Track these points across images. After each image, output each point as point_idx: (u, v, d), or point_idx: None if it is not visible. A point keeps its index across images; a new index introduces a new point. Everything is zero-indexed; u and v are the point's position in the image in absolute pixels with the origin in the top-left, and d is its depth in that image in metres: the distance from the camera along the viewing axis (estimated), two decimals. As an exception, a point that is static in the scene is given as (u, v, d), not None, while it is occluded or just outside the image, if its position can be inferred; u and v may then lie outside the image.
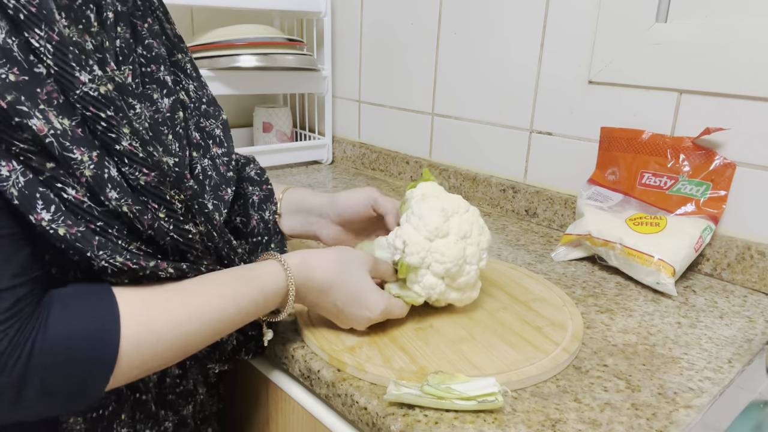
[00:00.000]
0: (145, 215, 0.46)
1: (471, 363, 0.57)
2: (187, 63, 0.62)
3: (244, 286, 0.53)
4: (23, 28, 0.39)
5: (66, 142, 0.41)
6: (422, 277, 0.62)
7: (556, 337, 0.62)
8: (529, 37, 1.00)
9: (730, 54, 0.77)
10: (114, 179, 0.44)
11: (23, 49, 0.39)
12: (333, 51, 1.39)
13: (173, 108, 0.57)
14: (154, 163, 0.46)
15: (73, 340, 0.41)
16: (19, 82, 0.39)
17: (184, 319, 0.47)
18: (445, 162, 1.21)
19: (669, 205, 0.84)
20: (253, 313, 0.54)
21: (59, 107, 0.41)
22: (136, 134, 0.45)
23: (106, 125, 0.43)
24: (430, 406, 0.51)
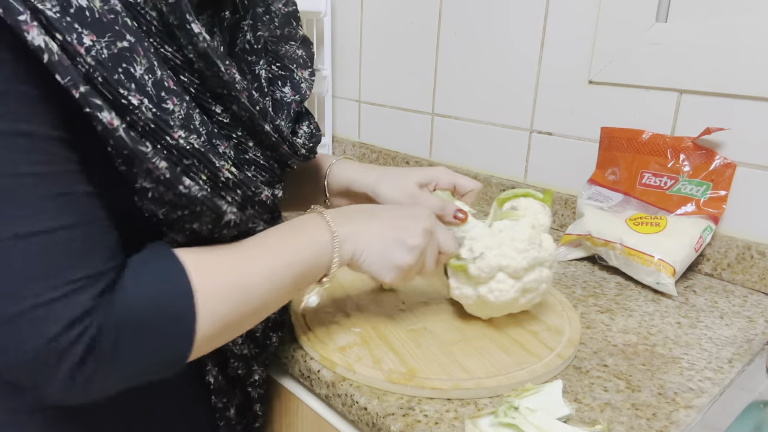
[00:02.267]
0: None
1: (461, 366, 0.56)
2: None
3: (298, 239, 0.53)
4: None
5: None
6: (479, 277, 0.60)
7: (552, 342, 0.61)
8: (529, 36, 1.00)
9: (730, 54, 0.77)
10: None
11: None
12: (333, 51, 1.39)
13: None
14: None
15: (153, 300, 0.42)
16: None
17: (247, 272, 0.49)
18: (445, 162, 1.20)
19: (669, 205, 0.84)
20: (311, 269, 0.54)
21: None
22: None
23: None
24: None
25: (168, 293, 0.43)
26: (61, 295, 0.38)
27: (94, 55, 0.39)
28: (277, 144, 0.53)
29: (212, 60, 0.46)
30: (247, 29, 0.55)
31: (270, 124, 0.52)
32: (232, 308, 0.47)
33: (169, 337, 0.43)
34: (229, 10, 0.53)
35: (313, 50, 0.64)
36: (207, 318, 0.45)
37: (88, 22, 0.39)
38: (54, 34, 0.37)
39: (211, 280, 0.46)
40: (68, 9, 0.38)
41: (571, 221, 0.97)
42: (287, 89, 0.59)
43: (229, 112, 0.50)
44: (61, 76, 0.37)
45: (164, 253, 0.46)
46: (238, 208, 0.51)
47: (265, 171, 0.54)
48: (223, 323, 0.46)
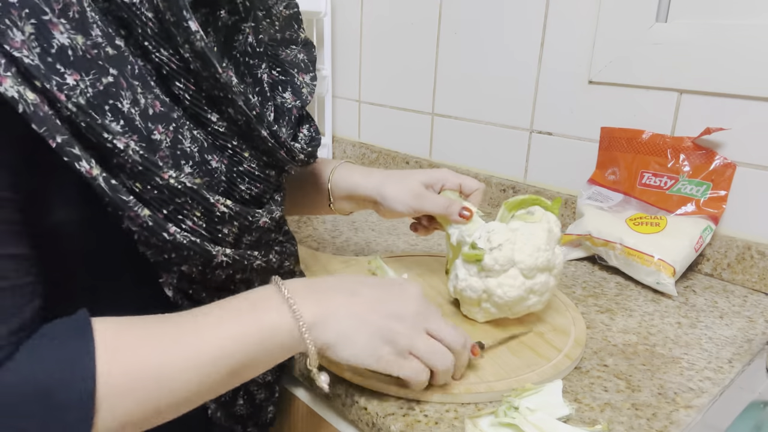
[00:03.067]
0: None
1: (471, 370, 0.56)
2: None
3: (245, 322, 0.45)
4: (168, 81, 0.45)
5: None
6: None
7: (558, 343, 0.61)
8: (529, 36, 1.00)
9: (730, 54, 0.77)
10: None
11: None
12: (333, 51, 1.39)
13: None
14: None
15: (37, 383, 0.36)
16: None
17: (172, 363, 0.41)
18: (445, 162, 1.21)
19: (669, 205, 0.84)
20: (258, 362, 0.46)
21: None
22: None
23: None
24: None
25: (61, 380, 0.36)
26: None
27: (75, 101, 0.38)
28: (274, 150, 0.51)
29: (209, 60, 0.44)
30: (249, 31, 0.54)
31: (267, 130, 0.50)
32: (143, 402, 0.40)
33: (57, 425, 0.36)
34: (226, 9, 0.52)
35: (314, 54, 0.63)
36: (107, 412, 0.38)
37: (71, 61, 0.38)
38: (33, 83, 0.36)
39: (121, 369, 0.39)
40: (49, 50, 0.37)
41: (571, 221, 0.97)
42: (288, 95, 0.57)
43: (225, 118, 0.48)
44: (37, 126, 0.36)
45: (80, 325, 0.39)
46: (234, 240, 0.49)
47: (260, 182, 0.52)
48: (131, 418, 0.40)
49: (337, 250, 0.89)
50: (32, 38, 0.36)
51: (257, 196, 0.53)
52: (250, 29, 0.54)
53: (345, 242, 0.93)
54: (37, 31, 0.37)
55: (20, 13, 0.36)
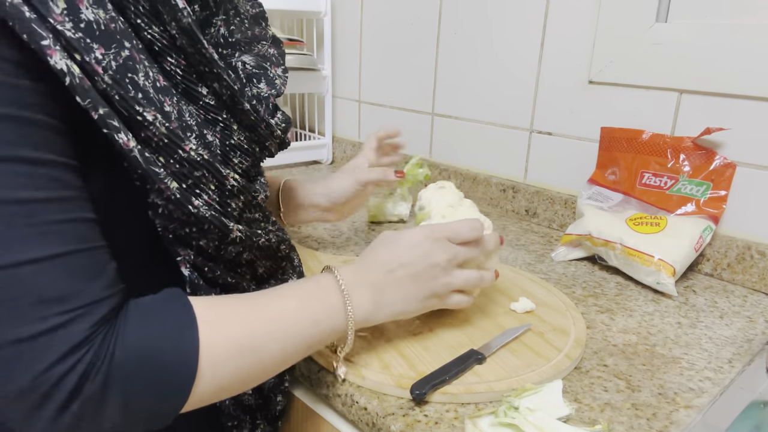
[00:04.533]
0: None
1: (472, 370, 0.56)
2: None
3: (315, 303, 0.52)
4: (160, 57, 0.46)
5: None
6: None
7: (559, 342, 0.61)
8: (529, 36, 1.00)
9: (730, 54, 0.77)
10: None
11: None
12: (333, 51, 1.39)
13: None
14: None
15: (152, 347, 0.40)
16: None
17: (261, 333, 0.47)
18: (445, 162, 1.21)
19: (669, 205, 0.84)
20: (325, 333, 0.52)
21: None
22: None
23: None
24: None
25: (171, 346, 0.41)
26: (57, 324, 0.37)
27: (110, 73, 0.40)
28: (256, 123, 0.54)
29: (195, 35, 0.46)
30: (220, 24, 0.56)
31: (248, 103, 0.52)
32: (237, 370, 0.45)
33: (162, 390, 0.41)
34: (198, 4, 0.53)
35: (283, 49, 0.65)
36: (208, 377, 0.43)
37: (96, 35, 0.40)
38: (74, 55, 0.38)
39: (222, 339, 0.44)
40: (79, 25, 0.38)
41: (571, 221, 0.97)
42: (263, 85, 0.59)
43: (213, 92, 0.50)
44: (81, 99, 0.38)
45: (178, 300, 0.44)
46: (239, 214, 0.51)
47: (249, 156, 0.54)
48: (225, 383, 0.44)
49: (337, 250, 0.89)
50: (65, 13, 0.38)
51: (247, 171, 0.55)
52: (222, 22, 0.56)
53: (345, 242, 0.93)
54: (67, 6, 0.38)
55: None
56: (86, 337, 0.38)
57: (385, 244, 0.59)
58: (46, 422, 0.37)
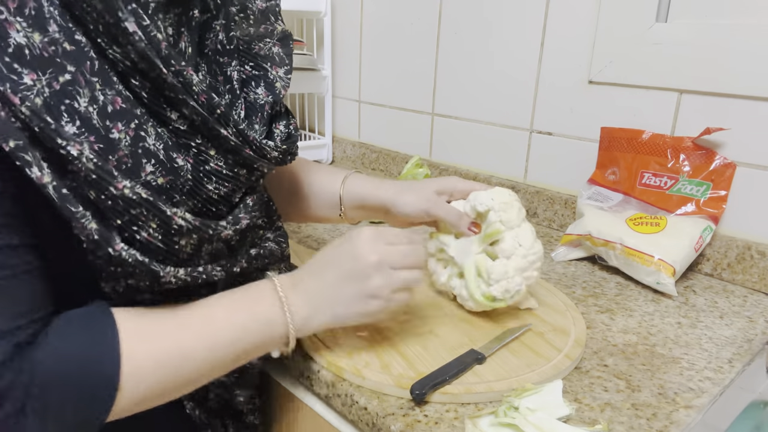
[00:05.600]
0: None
1: (471, 370, 0.56)
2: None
3: (245, 314, 0.51)
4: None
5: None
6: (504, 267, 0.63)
7: (559, 343, 0.61)
8: (529, 37, 1.00)
9: (730, 54, 0.77)
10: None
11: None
12: (333, 51, 1.39)
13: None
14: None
15: (72, 363, 0.41)
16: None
17: (184, 347, 0.46)
18: (445, 162, 1.21)
19: (669, 205, 0.84)
20: (259, 343, 0.52)
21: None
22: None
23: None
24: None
25: (93, 357, 0.41)
26: None
27: (29, 104, 0.38)
28: (238, 148, 0.50)
29: (153, 61, 0.43)
30: (220, 29, 0.54)
31: (231, 128, 0.49)
32: (161, 380, 0.45)
33: (84, 404, 0.41)
34: (198, 8, 0.51)
35: (291, 47, 0.62)
36: (131, 389, 0.43)
37: (27, 60, 0.38)
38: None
39: (145, 350, 0.44)
40: (6, 50, 0.37)
41: (571, 221, 0.97)
42: (261, 90, 0.57)
43: (182, 116, 0.48)
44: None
45: (102, 313, 0.44)
46: (193, 250, 0.49)
47: (228, 181, 0.51)
48: (149, 394, 0.45)
49: (337, 250, 0.89)
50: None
51: (226, 196, 0.52)
52: (221, 26, 0.54)
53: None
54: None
55: None
56: (1, 362, 0.38)
57: (328, 247, 0.57)
58: None
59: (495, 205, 0.63)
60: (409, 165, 1.13)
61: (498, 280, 0.62)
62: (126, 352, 0.43)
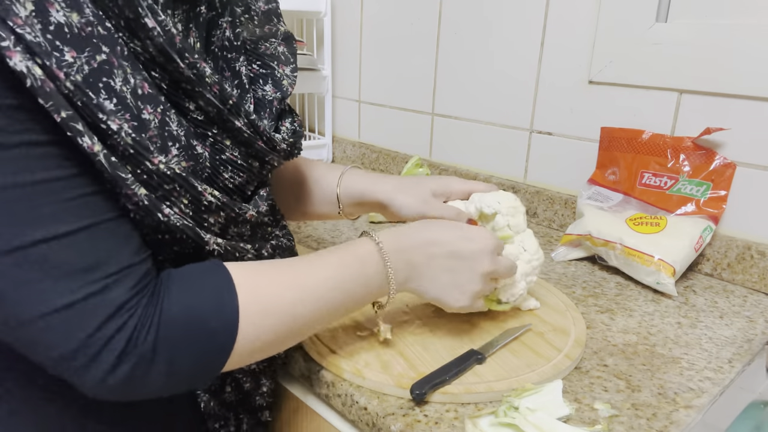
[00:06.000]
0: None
1: (471, 370, 0.56)
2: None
3: (349, 271, 0.54)
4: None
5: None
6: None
7: (559, 343, 0.61)
8: (529, 37, 1.00)
9: (730, 54, 0.77)
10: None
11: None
12: (333, 51, 1.39)
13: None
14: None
15: (195, 312, 0.43)
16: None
17: (295, 298, 0.49)
18: (445, 162, 1.21)
19: (669, 205, 0.84)
20: (360, 300, 0.55)
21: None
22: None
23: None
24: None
25: (212, 310, 0.44)
26: (97, 290, 0.40)
27: (73, 78, 0.39)
28: (251, 140, 0.52)
29: (170, 55, 0.45)
30: (226, 26, 0.55)
31: (244, 119, 0.51)
32: (275, 332, 0.48)
33: (206, 352, 0.44)
34: (204, 5, 0.53)
35: (295, 46, 0.63)
36: (248, 339, 0.45)
37: (68, 38, 0.39)
38: (35, 59, 0.38)
39: (260, 302, 0.47)
40: (48, 27, 0.38)
41: (571, 221, 0.97)
42: (268, 87, 0.58)
43: (199, 107, 0.49)
44: (43, 101, 0.38)
45: (217, 268, 0.47)
46: (220, 229, 0.51)
47: (243, 172, 0.53)
48: (264, 344, 0.47)
49: (337, 250, 0.89)
50: (33, 15, 0.38)
51: (241, 186, 0.54)
52: (227, 24, 0.55)
53: (345, 242, 0.93)
54: (36, 8, 0.38)
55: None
56: (125, 300, 0.41)
57: (437, 224, 0.59)
58: (96, 382, 0.40)
59: (503, 209, 0.63)
60: (409, 165, 1.13)
61: (504, 285, 0.62)
62: (243, 305, 0.45)
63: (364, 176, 0.72)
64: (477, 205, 0.65)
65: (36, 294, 0.38)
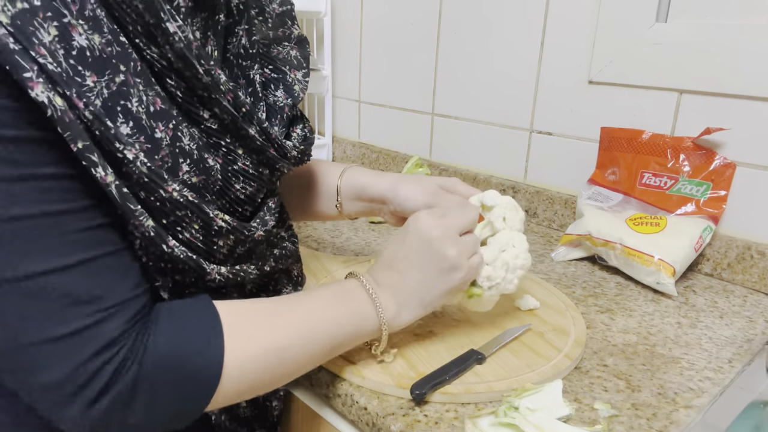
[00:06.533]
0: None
1: (471, 370, 0.56)
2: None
3: (339, 313, 0.52)
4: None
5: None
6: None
7: (559, 343, 0.61)
8: (529, 36, 1.00)
9: (730, 54, 0.77)
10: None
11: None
12: (333, 51, 1.39)
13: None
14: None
15: (180, 351, 0.42)
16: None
17: (283, 342, 0.48)
18: (445, 162, 1.21)
19: (669, 205, 0.84)
20: (350, 340, 0.53)
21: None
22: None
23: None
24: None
25: (198, 350, 0.43)
26: (91, 323, 0.39)
27: (92, 108, 0.39)
28: (264, 147, 0.52)
29: (190, 61, 0.45)
30: (242, 34, 0.55)
31: (256, 127, 0.51)
32: (262, 374, 0.47)
33: (187, 391, 0.43)
34: (223, 14, 0.52)
35: (308, 50, 0.63)
36: (233, 381, 0.45)
37: (89, 62, 0.39)
38: (56, 89, 0.38)
39: (247, 344, 0.46)
40: (71, 52, 0.38)
41: (571, 221, 0.97)
42: (280, 93, 0.58)
43: (214, 115, 0.49)
44: (62, 131, 0.38)
45: (206, 308, 0.46)
46: (228, 251, 0.51)
47: (254, 181, 0.53)
48: (249, 386, 0.47)
49: (337, 250, 0.89)
50: (56, 40, 0.38)
51: (251, 196, 0.54)
52: (244, 31, 0.55)
53: (345, 242, 0.93)
54: (59, 33, 0.38)
55: (45, 14, 0.37)
56: (119, 334, 0.40)
57: (390, 246, 0.57)
58: (77, 413, 0.39)
59: (502, 202, 0.63)
60: (409, 165, 1.13)
61: (485, 263, 0.60)
62: (229, 347, 0.44)
63: (366, 172, 0.72)
64: (479, 196, 0.65)
65: (31, 323, 0.38)
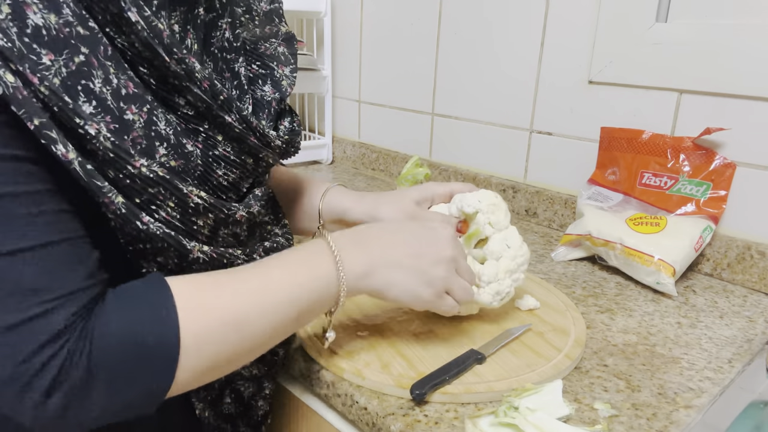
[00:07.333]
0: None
1: (471, 370, 0.56)
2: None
3: (299, 279, 0.50)
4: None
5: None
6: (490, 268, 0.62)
7: (559, 343, 0.61)
8: (529, 37, 1.00)
9: (730, 54, 0.77)
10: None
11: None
12: (333, 51, 1.39)
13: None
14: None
15: (133, 330, 0.40)
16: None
17: (240, 311, 0.45)
18: (445, 162, 1.21)
19: (669, 205, 0.84)
20: (314, 308, 0.51)
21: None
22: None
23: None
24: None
25: (150, 328, 0.41)
26: (39, 312, 0.37)
27: (48, 83, 0.38)
28: (243, 135, 0.51)
29: (155, 49, 0.44)
30: (226, 27, 0.55)
31: (235, 115, 0.50)
32: (222, 347, 0.44)
33: (146, 373, 0.41)
34: (203, 7, 0.52)
35: (296, 47, 0.63)
36: (192, 357, 0.42)
37: (45, 41, 0.39)
38: (9, 65, 0.37)
39: (203, 317, 0.43)
40: (24, 30, 0.38)
41: (571, 221, 0.97)
42: (267, 88, 0.58)
43: (189, 103, 0.48)
44: (16, 109, 0.37)
45: (156, 283, 0.44)
46: (210, 232, 0.49)
47: (236, 168, 0.52)
48: (212, 362, 0.44)
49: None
50: (9, 18, 0.37)
51: (235, 183, 0.53)
52: (227, 25, 0.55)
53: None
54: (12, 11, 0.37)
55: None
56: (66, 326, 0.38)
57: (396, 223, 0.58)
58: (31, 410, 0.37)
59: (483, 206, 0.63)
60: (409, 165, 1.13)
61: (489, 282, 0.61)
62: (184, 320, 0.42)
63: (346, 194, 0.72)
64: (458, 205, 0.65)
65: None
